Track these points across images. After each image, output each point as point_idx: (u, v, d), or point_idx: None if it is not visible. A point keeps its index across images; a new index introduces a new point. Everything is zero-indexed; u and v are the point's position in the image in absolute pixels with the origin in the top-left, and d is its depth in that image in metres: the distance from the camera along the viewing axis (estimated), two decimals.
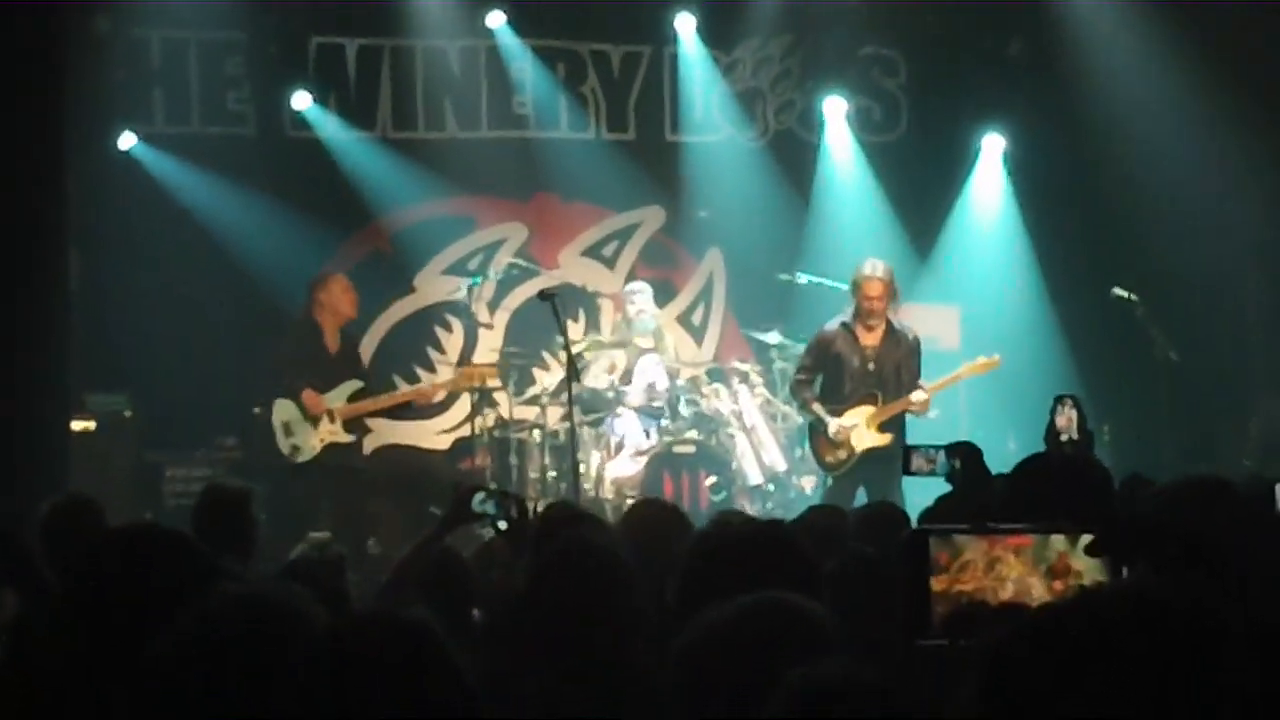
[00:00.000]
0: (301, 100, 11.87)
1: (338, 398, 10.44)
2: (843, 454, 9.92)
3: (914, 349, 10.10)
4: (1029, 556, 2.92)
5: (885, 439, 9.82)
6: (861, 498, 9.51)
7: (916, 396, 9.86)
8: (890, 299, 9.99)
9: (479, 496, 4.87)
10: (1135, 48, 12.01)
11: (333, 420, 10.38)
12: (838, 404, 9.97)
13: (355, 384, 10.55)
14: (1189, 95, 11.74)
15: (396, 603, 5.28)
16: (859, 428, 9.90)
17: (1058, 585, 2.91)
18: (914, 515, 5.34)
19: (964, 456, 5.35)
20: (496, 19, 12.18)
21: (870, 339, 10.03)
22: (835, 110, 12.77)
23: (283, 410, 10.32)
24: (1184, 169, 11.82)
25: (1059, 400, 6.99)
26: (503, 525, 4.88)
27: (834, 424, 9.90)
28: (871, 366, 9.97)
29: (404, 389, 10.99)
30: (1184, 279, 11.73)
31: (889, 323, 10.05)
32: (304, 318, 10.62)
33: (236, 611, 2.73)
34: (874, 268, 10.03)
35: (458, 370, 11.12)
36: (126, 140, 11.49)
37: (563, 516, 4.98)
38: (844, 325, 10.06)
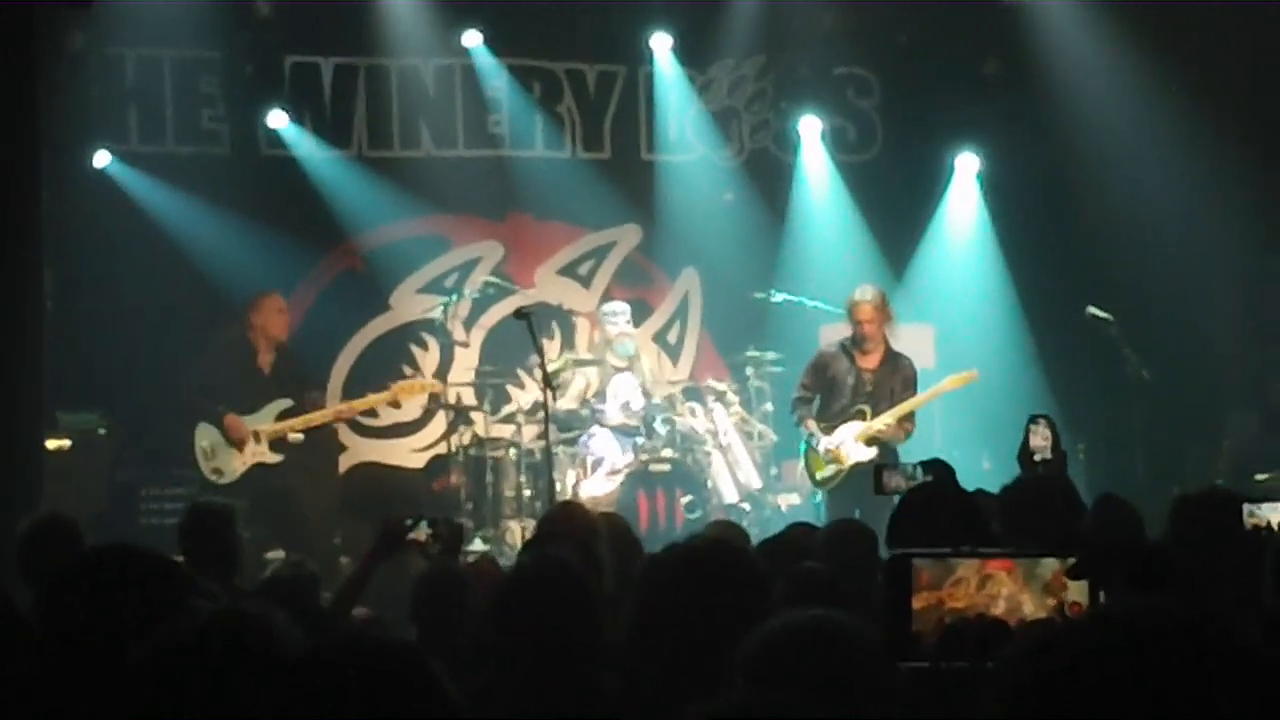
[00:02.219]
0: (277, 119, 11.86)
1: (264, 418, 10.49)
2: (831, 470, 9.99)
3: (910, 379, 10.20)
4: (1020, 574, 2.93)
5: (874, 453, 9.89)
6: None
7: (878, 424, 9.91)
8: (883, 322, 10.08)
9: (423, 525, 5.01)
10: (1109, 66, 12.07)
11: (258, 441, 10.44)
12: (830, 421, 10.07)
13: (284, 403, 10.58)
14: (1162, 114, 11.81)
15: (381, 625, 5.32)
16: (848, 443, 9.95)
17: (1051, 601, 2.93)
18: None
19: (936, 474, 5.37)
20: (473, 38, 12.18)
21: (868, 362, 10.14)
22: (810, 129, 12.80)
23: (204, 434, 10.42)
24: (1157, 187, 11.89)
25: (1033, 420, 7.02)
26: (436, 550, 5.00)
27: (824, 442, 9.96)
28: (868, 388, 10.09)
29: (325, 409, 10.89)
30: (1156, 297, 11.78)
31: (888, 348, 10.16)
32: (234, 338, 10.70)
33: (213, 629, 2.73)
34: (864, 292, 10.15)
35: (392, 387, 10.96)
36: (101, 159, 11.46)
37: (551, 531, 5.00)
38: (843, 347, 10.19)
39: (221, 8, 11.68)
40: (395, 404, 11.22)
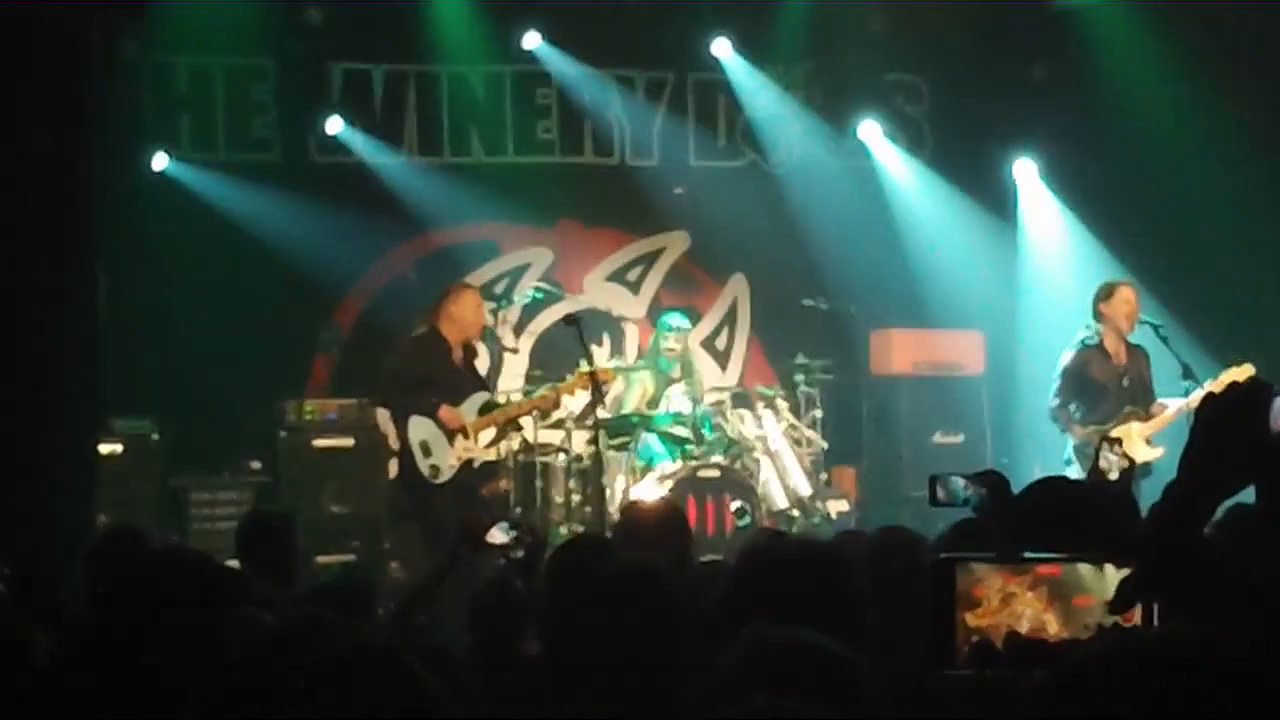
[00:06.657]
0: (334, 125, 11.92)
1: (469, 412, 10.00)
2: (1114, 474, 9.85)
3: (1148, 360, 10.04)
4: (1045, 593, 2.86)
5: (1158, 452, 9.67)
6: None
7: (1173, 408, 9.73)
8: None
9: (502, 526, 4.92)
10: (1159, 70, 12.01)
11: (467, 436, 9.93)
12: (1098, 424, 9.80)
13: (483, 395, 10.17)
14: (1214, 116, 11.74)
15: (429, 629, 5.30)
16: (1135, 443, 9.64)
17: (1082, 621, 2.86)
18: None
19: (990, 485, 5.30)
20: (533, 40, 12.23)
21: (1120, 354, 9.99)
22: (872, 135, 12.84)
23: (419, 429, 9.82)
24: (1206, 190, 11.82)
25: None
26: (518, 555, 4.93)
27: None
28: (1125, 383, 9.92)
29: (528, 398, 10.62)
30: (1207, 301, 11.70)
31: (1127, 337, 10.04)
32: (427, 331, 10.10)
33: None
34: (1120, 280, 10.06)
35: (578, 374, 10.23)
36: (159, 161, 11.55)
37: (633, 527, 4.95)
38: (1092, 346, 10.00)
39: (272, 16, 11.76)
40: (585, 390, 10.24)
